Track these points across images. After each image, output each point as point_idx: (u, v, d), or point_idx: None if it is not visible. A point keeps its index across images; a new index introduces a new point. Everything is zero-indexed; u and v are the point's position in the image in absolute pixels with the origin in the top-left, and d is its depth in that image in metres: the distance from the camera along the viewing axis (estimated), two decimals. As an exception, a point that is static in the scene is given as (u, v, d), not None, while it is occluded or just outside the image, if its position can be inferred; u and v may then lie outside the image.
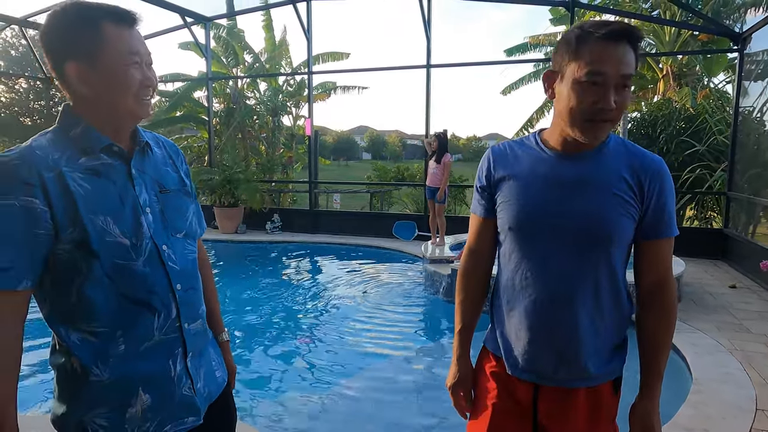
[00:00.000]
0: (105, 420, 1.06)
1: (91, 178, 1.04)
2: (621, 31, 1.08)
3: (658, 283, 1.22)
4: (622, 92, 1.11)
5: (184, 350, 1.14)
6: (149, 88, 1.09)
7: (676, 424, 2.64)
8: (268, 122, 13.37)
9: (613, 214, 1.15)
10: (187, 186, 1.25)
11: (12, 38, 15.56)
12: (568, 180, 1.18)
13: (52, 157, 1.01)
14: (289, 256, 7.82)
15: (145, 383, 1.08)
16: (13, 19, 8.96)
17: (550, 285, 1.19)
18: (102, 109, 1.07)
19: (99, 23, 1.02)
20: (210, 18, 9.44)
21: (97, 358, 1.04)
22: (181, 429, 1.14)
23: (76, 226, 1.00)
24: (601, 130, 1.13)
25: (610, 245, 1.16)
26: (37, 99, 15.68)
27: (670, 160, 9.90)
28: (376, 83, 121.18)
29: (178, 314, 1.12)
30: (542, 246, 1.20)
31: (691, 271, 5.92)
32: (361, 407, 3.19)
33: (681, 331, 3.99)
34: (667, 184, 1.18)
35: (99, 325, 1.04)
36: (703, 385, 3.09)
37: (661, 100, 11.65)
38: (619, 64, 1.08)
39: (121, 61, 1.04)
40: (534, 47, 14.28)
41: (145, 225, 1.08)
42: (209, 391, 1.21)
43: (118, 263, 1.04)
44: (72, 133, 1.06)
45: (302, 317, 5.02)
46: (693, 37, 12.36)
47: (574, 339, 1.18)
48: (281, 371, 3.75)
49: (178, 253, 1.14)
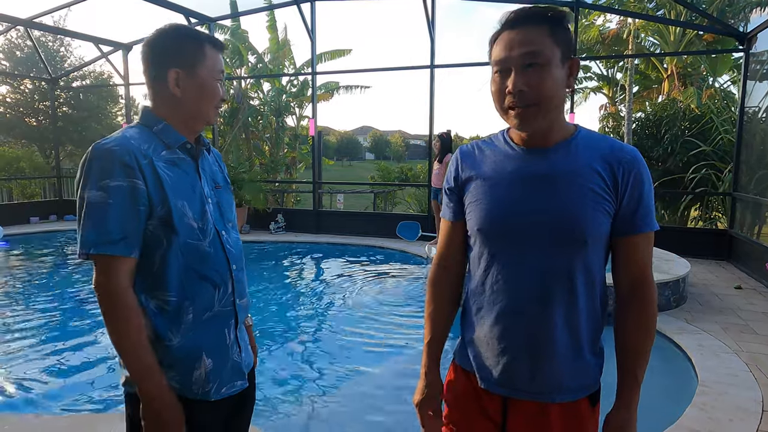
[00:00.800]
0: (176, 382, 1.22)
1: (172, 168, 1.24)
2: (520, 16, 1.06)
3: (636, 283, 1.14)
4: (528, 72, 1.04)
5: (236, 321, 1.33)
6: (222, 101, 1.35)
7: (682, 426, 2.62)
8: (271, 122, 13.40)
9: (586, 210, 1.08)
10: (230, 185, 1.46)
11: (17, 39, 15.62)
12: (537, 176, 1.11)
13: (143, 146, 1.20)
14: (292, 256, 7.82)
15: (207, 349, 1.25)
16: (19, 20, 9.00)
17: (521, 288, 1.12)
18: (185, 111, 1.28)
19: (203, 43, 1.28)
20: (214, 19, 9.45)
21: (170, 324, 1.21)
22: (233, 391, 1.31)
23: (164, 206, 1.19)
24: (527, 117, 1.07)
25: (584, 244, 1.09)
26: (42, 99, 15.74)
27: (675, 161, 9.87)
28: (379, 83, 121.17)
29: (233, 290, 1.31)
30: (512, 247, 1.13)
31: (697, 272, 5.89)
32: (362, 407, 3.19)
33: (686, 333, 3.98)
34: (642, 175, 1.10)
35: (171, 294, 1.21)
36: (709, 387, 3.07)
37: (666, 100, 11.61)
38: (517, 46, 1.04)
39: (212, 76, 1.28)
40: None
41: (208, 212, 1.28)
42: (248, 362, 1.39)
43: (189, 242, 1.22)
44: (155, 129, 1.26)
45: (305, 317, 5.02)
46: (698, 37, 12.31)
47: (548, 345, 1.11)
48: (284, 370, 3.75)
49: (232, 239, 1.34)
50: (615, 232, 1.12)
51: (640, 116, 11.31)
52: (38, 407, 3.09)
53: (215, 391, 1.26)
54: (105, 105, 17.48)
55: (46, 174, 12.93)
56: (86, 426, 2.62)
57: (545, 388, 1.13)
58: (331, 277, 6.55)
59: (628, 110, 10.87)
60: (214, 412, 1.28)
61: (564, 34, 1.07)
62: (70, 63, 16.45)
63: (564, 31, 1.07)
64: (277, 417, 3.02)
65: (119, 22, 64.00)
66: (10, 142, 16.27)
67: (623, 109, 12.98)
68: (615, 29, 13.02)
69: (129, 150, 1.16)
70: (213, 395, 1.26)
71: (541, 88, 1.04)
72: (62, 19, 15.94)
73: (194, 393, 1.24)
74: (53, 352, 3.98)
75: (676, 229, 8.71)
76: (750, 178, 6.82)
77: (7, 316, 4.83)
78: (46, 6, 8.91)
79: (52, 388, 3.36)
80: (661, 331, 4.04)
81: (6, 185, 11.94)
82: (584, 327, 1.12)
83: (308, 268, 7.27)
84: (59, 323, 4.64)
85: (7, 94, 16.09)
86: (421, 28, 8.40)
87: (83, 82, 16.77)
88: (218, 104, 1.32)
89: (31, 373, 3.57)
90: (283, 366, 3.82)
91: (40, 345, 4.14)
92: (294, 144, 14.47)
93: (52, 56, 15.92)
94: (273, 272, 6.81)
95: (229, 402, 1.32)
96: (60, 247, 8.46)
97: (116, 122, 17.31)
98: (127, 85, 10.49)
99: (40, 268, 6.94)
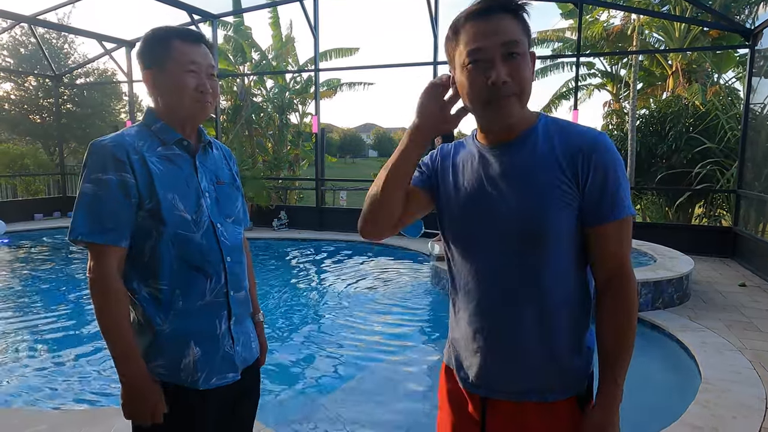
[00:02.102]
0: (164, 369, 1.27)
1: (165, 163, 1.30)
2: (491, 5, 1.02)
3: (612, 276, 1.07)
4: (511, 62, 1.01)
5: (229, 313, 1.35)
6: (204, 93, 1.32)
7: (685, 423, 2.62)
8: (275, 120, 13.40)
9: (545, 206, 1.04)
10: (237, 182, 1.49)
11: (21, 36, 15.66)
12: (496, 174, 1.09)
13: (137, 143, 1.28)
14: (295, 252, 7.83)
15: (196, 337, 1.29)
16: (23, 17, 9.01)
17: (487, 289, 1.10)
18: (167, 109, 1.33)
19: (170, 39, 1.31)
20: (217, 15, 9.45)
21: (160, 310, 1.27)
22: (224, 383, 1.34)
23: (152, 198, 1.24)
24: (507, 108, 1.03)
25: (546, 241, 1.04)
26: (46, 97, 15.78)
27: (679, 158, 9.83)
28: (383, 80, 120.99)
29: (226, 281, 1.34)
30: (478, 249, 1.11)
31: (701, 270, 5.87)
32: (365, 402, 3.20)
33: (690, 330, 3.97)
34: (604, 157, 1.03)
35: (163, 283, 1.27)
36: (712, 384, 3.06)
37: (670, 97, 11.56)
38: (495, 34, 1.00)
39: (182, 69, 1.30)
40: (541, 43, 14.19)
41: (204, 206, 1.32)
42: (245, 357, 1.41)
43: (180, 233, 1.27)
44: (153, 128, 1.33)
45: (309, 313, 5.03)
46: (703, 33, 12.23)
47: (518, 345, 1.09)
48: (287, 366, 3.76)
49: (229, 233, 1.38)
50: (583, 223, 1.06)
51: (644, 113, 11.27)
52: (40, 401, 3.11)
53: (204, 381, 1.30)
54: (108, 102, 17.53)
55: (50, 171, 12.98)
56: (102, 417, 2.63)
57: (520, 388, 1.11)
58: (334, 274, 6.56)
59: (632, 107, 10.82)
60: (205, 402, 1.31)
61: (527, 25, 1.05)
62: (73, 60, 16.49)
63: (527, 22, 1.05)
64: (276, 411, 3.03)
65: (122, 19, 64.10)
66: (15, 139, 16.33)
67: (627, 106, 12.92)
68: (619, 25, 12.95)
69: (122, 146, 1.24)
70: (202, 384, 1.29)
71: (521, 79, 1.02)
72: (66, 16, 15.97)
73: (182, 380, 1.28)
74: (56, 348, 4.00)
75: (679, 227, 8.68)
76: (755, 175, 6.79)
77: (14, 310, 4.86)
78: (50, 3, 8.91)
79: (56, 383, 3.38)
80: (665, 329, 4.04)
81: (10, 182, 11.99)
82: (559, 326, 1.09)
83: (311, 264, 7.28)
84: (66, 318, 4.66)
85: (12, 91, 16.15)
86: (425, 24, 8.37)
87: (87, 80, 16.81)
88: (197, 96, 1.31)
89: (36, 367, 3.59)
90: (283, 361, 3.83)
91: (43, 341, 4.17)
92: (297, 141, 14.48)
93: (56, 53, 15.95)
94: (275, 269, 6.82)
95: (222, 394, 1.34)
96: (64, 243, 8.49)
97: (120, 119, 17.34)
98: (130, 82, 10.51)
99: (43, 264, 6.97)
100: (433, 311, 5.05)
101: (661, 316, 4.29)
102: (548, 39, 14.06)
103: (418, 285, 5.85)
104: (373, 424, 2.92)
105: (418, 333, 4.48)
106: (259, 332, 1.54)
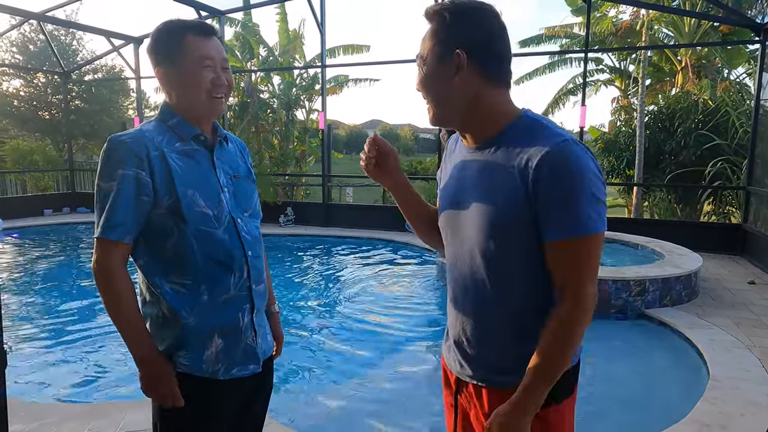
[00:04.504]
0: (187, 359, 1.29)
1: (184, 159, 1.29)
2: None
3: (560, 293, 1.03)
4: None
5: (251, 306, 1.36)
6: (220, 87, 1.31)
7: (693, 420, 2.61)
8: (281, 116, 13.41)
9: (496, 215, 1.04)
10: (252, 176, 1.49)
11: (31, 33, 15.75)
12: (469, 177, 1.13)
13: (157, 139, 1.27)
14: (302, 248, 7.85)
15: (219, 330, 1.30)
16: (32, 14, 9.07)
17: (452, 278, 1.20)
18: (182, 105, 1.31)
19: (183, 33, 1.28)
20: (224, 12, 9.47)
21: (185, 304, 1.27)
22: (245, 374, 1.35)
23: (171, 195, 1.24)
24: (430, 114, 1.14)
25: (493, 243, 1.06)
26: (55, 93, 15.87)
27: (688, 154, 9.74)
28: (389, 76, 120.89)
29: (248, 275, 1.35)
30: (449, 240, 1.21)
31: (709, 267, 5.83)
32: (374, 397, 3.20)
33: (698, 327, 3.94)
34: (557, 173, 0.97)
35: (188, 278, 1.27)
36: (720, 382, 3.05)
37: (680, 93, 11.45)
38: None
39: (197, 64, 1.28)
40: (549, 39, 14.10)
41: (224, 201, 1.32)
42: (264, 349, 1.42)
43: (203, 229, 1.27)
44: (170, 123, 1.32)
45: (316, 309, 5.04)
46: (713, 28, 12.10)
47: (472, 332, 1.16)
48: (295, 361, 3.77)
49: (248, 227, 1.37)
50: (538, 233, 1.03)
51: (653, 109, 11.16)
52: (59, 394, 3.14)
53: (225, 371, 1.31)
54: (117, 98, 17.59)
55: (59, 167, 13.07)
56: (109, 411, 2.66)
57: (477, 374, 1.16)
58: (340, 270, 6.57)
59: (640, 103, 10.72)
60: (225, 391, 1.33)
61: (442, 30, 1.07)
62: (82, 57, 16.56)
63: (443, 27, 1.06)
64: (284, 406, 3.04)
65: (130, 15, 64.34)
66: (24, 136, 16.44)
67: (636, 102, 12.82)
68: (628, 21, 12.83)
69: (141, 142, 1.23)
70: (222, 374, 1.31)
71: (419, 85, 1.11)
72: (74, 12, 16.02)
73: (204, 371, 1.29)
74: (63, 342, 4.04)
75: (688, 224, 8.61)
76: (765, 172, 6.72)
77: (27, 304, 4.91)
78: (59, 0, 8.97)
79: (62, 376, 3.42)
80: (672, 326, 4.01)
81: (20, 178, 12.10)
82: (498, 318, 1.12)
83: (317, 260, 7.30)
84: (72, 312, 4.71)
85: (21, 88, 16.26)
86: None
87: (95, 76, 16.89)
88: (213, 91, 1.31)
89: (43, 360, 3.63)
90: (290, 356, 3.85)
91: (49, 335, 4.21)
92: (303, 137, 14.49)
93: (65, 50, 16.03)
94: (282, 265, 6.84)
95: (241, 384, 1.35)
96: (73, 238, 8.57)
97: (127, 116, 17.43)
98: (138, 78, 10.55)
99: (52, 258, 7.04)
100: (439, 305, 5.05)
101: (669, 313, 4.26)
102: (556, 35, 13.97)
103: (423, 280, 5.85)
104: (380, 418, 2.93)
105: (425, 326, 4.48)
106: (274, 323, 1.55)
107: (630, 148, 11.02)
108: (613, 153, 11.37)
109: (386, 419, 2.94)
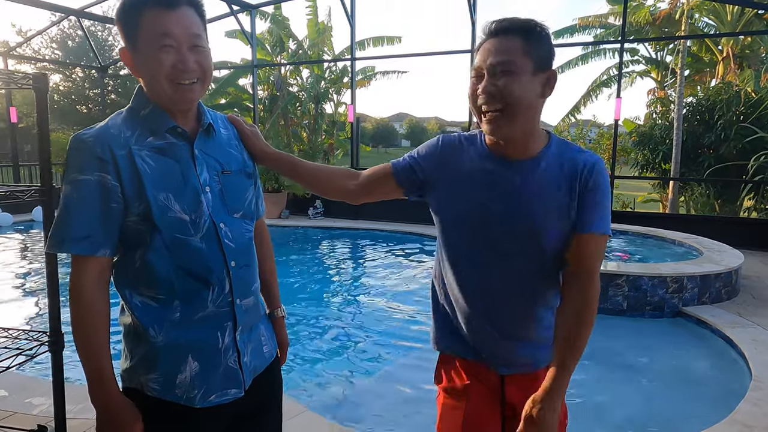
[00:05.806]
0: (158, 384, 1.12)
1: (157, 157, 1.09)
2: (498, 27, 1.12)
3: (579, 278, 1.17)
4: (496, 78, 1.11)
5: (234, 324, 1.17)
6: (183, 73, 1.07)
7: (735, 421, 2.53)
8: (310, 109, 13.49)
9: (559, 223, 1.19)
10: (249, 168, 1.27)
11: (69, 29, 16.26)
12: (522, 189, 1.19)
13: (124, 135, 1.07)
14: (331, 241, 7.92)
15: (194, 351, 1.13)
16: (71, 10, 9.36)
17: (485, 287, 1.28)
18: (149, 91, 1.12)
19: (140, 10, 1.05)
20: (256, 5, 9.57)
21: (154, 320, 1.10)
22: (225, 400, 1.16)
23: (141, 200, 1.06)
24: (495, 122, 1.14)
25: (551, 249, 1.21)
26: (93, 87, 16.40)
27: (729, 148, 9.40)
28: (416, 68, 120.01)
29: (230, 290, 1.16)
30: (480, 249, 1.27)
31: (750, 264, 5.62)
32: (398, 387, 3.22)
33: (739, 326, 3.81)
34: (600, 179, 1.17)
35: (159, 292, 1.10)
36: (763, 382, 2.94)
37: (720, 84, 11.03)
38: (490, 55, 1.12)
39: (152, 44, 1.05)
40: (583, 29, 13.76)
41: (204, 203, 1.12)
42: (255, 366, 1.23)
43: (178, 237, 1.09)
44: (142, 113, 1.12)
45: (340, 302, 5.09)
46: (757, 16, 11.59)
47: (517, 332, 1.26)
48: (323, 351, 3.82)
49: (235, 232, 1.17)
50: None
51: (692, 101, 10.79)
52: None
53: (201, 398, 1.13)
54: (150, 92, 18.05)
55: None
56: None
57: (525, 360, 1.28)
58: (368, 263, 6.61)
59: (678, 95, 10.37)
60: (201, 421, 1.15)
61: (537, 46, 1.11)
62: (117, 52, 17.02)
63: (538, 44, 1.11)
64: (315, 394, 3.08)
65: (163, 11, 65.35)
66: (64, 129, 17.03)
67: (673, 94, 12.42)
68: (666, 9, 12.41)
69: (103, 141, 1.04)
70: (198, 402, 1.13)
71: (505, 92, 1.10)
72: (111, 9, 16.48)
73: (178, 397, 1.12)
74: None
75: (728, 220, 8.32)
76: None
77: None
78: (97, -4, 9.22)
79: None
80: (712, 324, 3.90)
81: (59, 169, 12.54)
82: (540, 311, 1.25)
83: (345, 253, 7.35)
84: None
85: (60, 83, 16.83)
86: (463, 10, 8.24)
87: (130, 70, 17.35)
88: (175, 77, 1.07)
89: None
90: (314, 349, 3.89)
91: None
92: (332, 130, 14.55)
93: (101, 45, 16.50)
94: (312, 257, 6.91)
95: (223, 412, 1.17)
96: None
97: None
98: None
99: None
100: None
101: (708, 311, 4.13)
102: (590, 25, 13.61)
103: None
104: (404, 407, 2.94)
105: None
106: (279, 329, 1.39)
107: (666, 141, 10.70)
108: (648, 146, 11.05)
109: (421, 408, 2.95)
